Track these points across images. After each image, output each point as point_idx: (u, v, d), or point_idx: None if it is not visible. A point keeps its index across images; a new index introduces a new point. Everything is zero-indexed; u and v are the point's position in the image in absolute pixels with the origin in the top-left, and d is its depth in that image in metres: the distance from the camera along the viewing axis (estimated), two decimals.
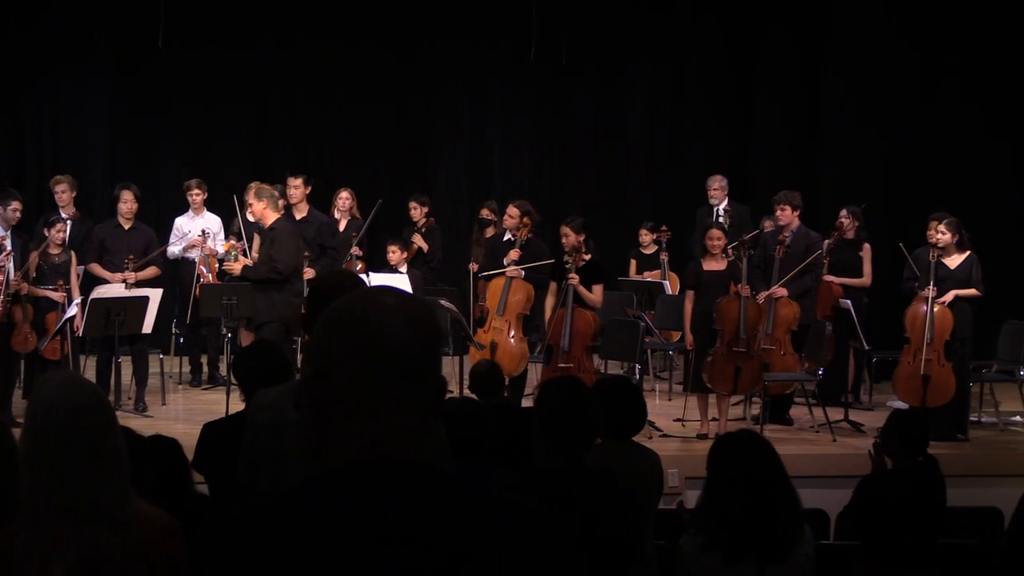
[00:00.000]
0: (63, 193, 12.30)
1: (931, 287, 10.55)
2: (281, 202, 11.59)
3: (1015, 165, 14.13)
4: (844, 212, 12.11)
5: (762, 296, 10.83)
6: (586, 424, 4.68)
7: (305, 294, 10.00)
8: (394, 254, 12.40)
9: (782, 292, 10.90)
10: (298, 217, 12.20)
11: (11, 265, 10.58)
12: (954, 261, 10.76)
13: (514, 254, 11.20)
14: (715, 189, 13.48)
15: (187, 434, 6.12)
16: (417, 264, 12.91)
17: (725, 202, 13.48)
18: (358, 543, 1.84)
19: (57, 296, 11.07)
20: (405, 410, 1.97)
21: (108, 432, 3.20)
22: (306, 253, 11.69)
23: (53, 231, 11.22)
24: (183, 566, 3.20)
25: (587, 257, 10.51)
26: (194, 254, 12.61)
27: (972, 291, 10.69)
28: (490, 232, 13.04)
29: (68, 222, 11.75)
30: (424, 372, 2.00)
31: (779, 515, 4.67)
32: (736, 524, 4.62)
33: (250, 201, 10.71)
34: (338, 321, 2.01)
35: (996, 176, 14.01)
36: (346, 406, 1.97)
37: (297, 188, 12.32)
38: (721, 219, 13.03)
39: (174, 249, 12.74)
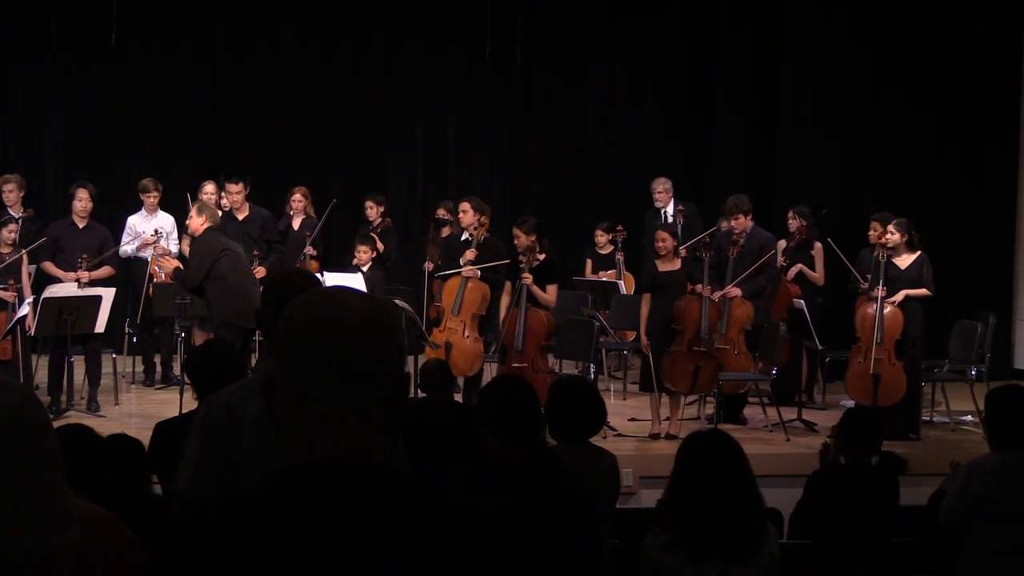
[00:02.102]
0: (10, 192, 12.19)
1: (880, 287, 10.63)
2: (223, 201, 11.71)
3: (963, 165, 14.26)
4: (791, 213, 12.19)
5: (716, 295, 10.87)
6: (532, 410, 4.70)
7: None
8: (364, 254, 12.35)
9: (736, 292, 10.94)
10: (240, 218, 12.23)
11: None
12: (904, 261, 10.84)
13: (470, 254, 11.20)
14: (660, 191, 13.57)
15: (139, 434, 6.07)
16: (374, 264, 12.89)
17: (671, 204, 13.51)
18: (306, 545, 1.84)
19: (7, 296, 10.99)
20: (356, 412, 1.96)
21: (44, 431, 3.18)
22: (255, 252, 11.69)
23: (4, 231, 11.14)
24: (125, 558, 3.19)
25: (541, 257, 10.50)
26: (147, 253, 12.53)
27: (923, 291, 10.77)
28: (446, 232, 13.02)
29: (19, 221, 11.66)
30: (378, 373, 1.98)
31: (745, 514, 4.69)
32: (702, 522, 4.63)
33: (192, 215, 10.72)
34: (288, 327, 2.00)
35: (944, 176, 14.13)
36: (298, 410, 1.97)
37: (238, 194, 12.38)
38: (671, 220, 13.09)
39: (127, 248, 12.66)
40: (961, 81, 14.10)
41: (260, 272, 11.31)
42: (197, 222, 10.60)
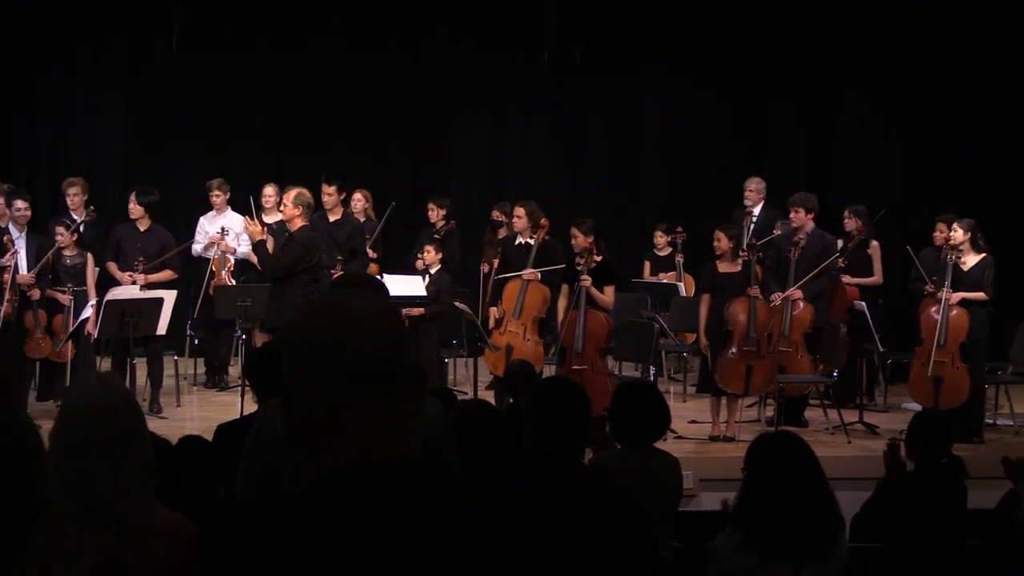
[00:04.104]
0: (75, 196, 12.27)
1: (947, 288, 10.54)
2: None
3: None
4: (847, 212, 12.09)
5: (777, 298, 10.82)
6: (579, 423, 4.66)
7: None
8: (428, 254, 12.32)
9: (798, 295, 10.88)
10: (332, 219, 12.21)
11: (20, 263, 10.60)
12: (968, 262, 10.73)
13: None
14: (751, 190, 13.16)
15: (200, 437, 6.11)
16: (442, 267, 12.83)
17: (761, 204, 13.17)
18: (359, 549, 1.83)
19: (63, 298, 11.08)
20: (382, 413, 1.96)
21: (136, 437, 3.18)
22: (339, 256, 11.67)
23: (58, 235, 11.21)
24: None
25: (598, 259, 10.48)
26: (211, 253, 12.64)
27: (980, 294, 10.67)
28: (502, 233, 13.02)
29: (81, 224, 11.73)
30: (393, 372, 1.98)
31: (817, 517, 4.66)
32: (774, 525, 4.60)
33: (286, 203, 10.70)
34: (296, 338, 2.01)
35: (1009, 176, 13.96)
36: (319, 418, 1.96)
37: (331, 195, 12.36)
38: (755, 221, 12.85)
39: (196, 247, 12.83)
40: None
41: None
42: (293, 212, 10.59)
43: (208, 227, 12.92)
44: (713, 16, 15.80)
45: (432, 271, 12.01)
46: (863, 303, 11.33)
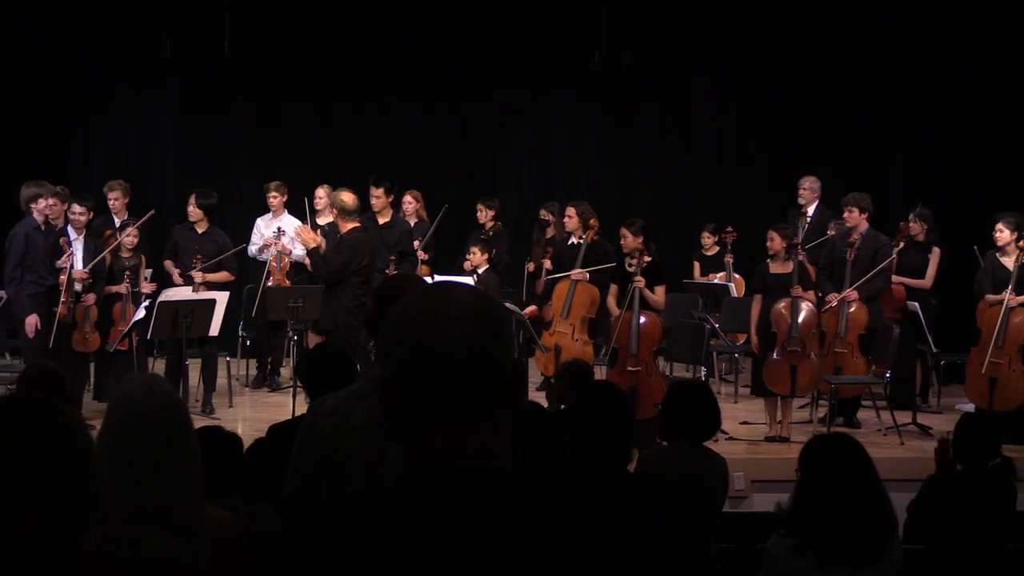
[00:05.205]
0: (116, 200, 12.37)
1: (1009, 291, 10.47)
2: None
3: None
4: (911, 216, 12.00)
5: (833, 299, 10.77)
6: (622, 432, 4.64)
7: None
8: (476, 256, 12.34)
9: (854, 295, 10.82)
10: (381, 222, 12.21)
11: (76, 266, 10.70)
12: (1013, 262, 10.65)
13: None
14: (804, 189, 13.06)
15: (252, 437, 6.15)
16: (489, 267, 12.86)
17: (816, 203, 13.05)
18: (431, 553, 1.81)
19: (121, 288, 11.17)
20: (476, 412, 1.92)
21: (183, 438, 3.20)
22: (392, 257, 11.69)
23: (123, 236, 11.34)
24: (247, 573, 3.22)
25: (648, 259, 10.47)
26: (266, 255, 12.72)
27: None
28: (550, 233, 13.04)
29: (135, 225, 11.81)
30: (491, 366, 1.93)
31: (873, 519, 4.63)
32: (829, 527, 4.58)
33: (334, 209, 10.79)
34: (396, 330, 1.95)
35: None
36: (415, 414, 1.92)
37: (379, 198, 12.29)
38: (810, 220, 12.77)
39: (252, 249, 12.94)
40: None
41: None
42: (334, 215, 10.66)
43: (264, 229, 13.02)
44: (763, 15, 15.73)
45: (480, 271, 12.04)
46: (916, 304, 11.25)
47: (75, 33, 15.30)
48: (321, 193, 12.90)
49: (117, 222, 11.99)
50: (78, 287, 10.79)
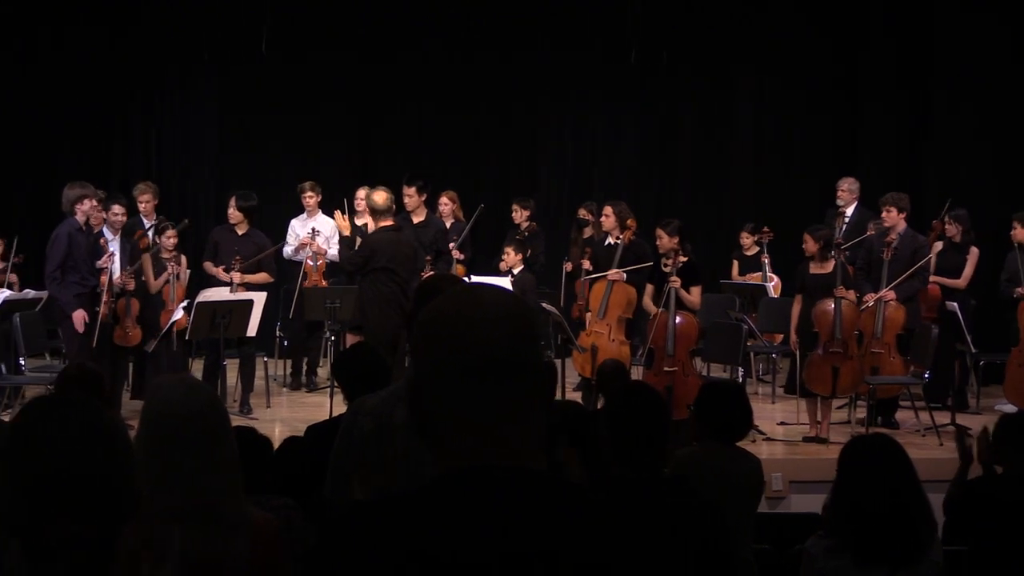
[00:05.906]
0: (147, 203, 12.44)
1: None
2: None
3: None
4: (947, 218, 11.92)
5: (870, 299, 10.73)
6: (657, 431, 4.63)
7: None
8: (508, 256, 12.34)
9: (891, 296, 10.78)
10: (415, 221, 12.21)
11: (115, 267, 10.75)
12: None
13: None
14: (843, 190, 12.91)
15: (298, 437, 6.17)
16: (524, 267, 12.86)
17: (854, 204, 12.91)
18: (469, 556, 1.81)
19: (165, 274, 11.24)
20: (508, 413, 1.91)
21: (221, 438, 3.22)
22: (428, 257, 11.70)
23: (164, 238, 11.40)
24: (285, 567, 3.23)
25: (684, 259, 10.45)
26: (302, 255, 12.77)
27: None
28: (587, 232, 13.03)
29: (152, 229, 11.84)
30: (524, 367, 1.92)
31: (913, 520, 4.61)
32: (868, 527, 4.57)
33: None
34: (428, 329, 1.95)
35: None
36: (446, 414, 1.92)
37: (411, 197, 12.29)
38: (848, 221, 12.71)
39: (287, 250, 12.98)
40: None
41: None
42: (368, 215, 10.77)
43: (299, 229, 13.07)
44: (803, 14, 15.66)
45: (515, 272, 12.05)
46: (955, 304, 11.19)
47: (116, 37, 15.39)
48: (361, 194, 12.92)
49: (147, 223, 12.05)
50: (118, 287, 10.84)
